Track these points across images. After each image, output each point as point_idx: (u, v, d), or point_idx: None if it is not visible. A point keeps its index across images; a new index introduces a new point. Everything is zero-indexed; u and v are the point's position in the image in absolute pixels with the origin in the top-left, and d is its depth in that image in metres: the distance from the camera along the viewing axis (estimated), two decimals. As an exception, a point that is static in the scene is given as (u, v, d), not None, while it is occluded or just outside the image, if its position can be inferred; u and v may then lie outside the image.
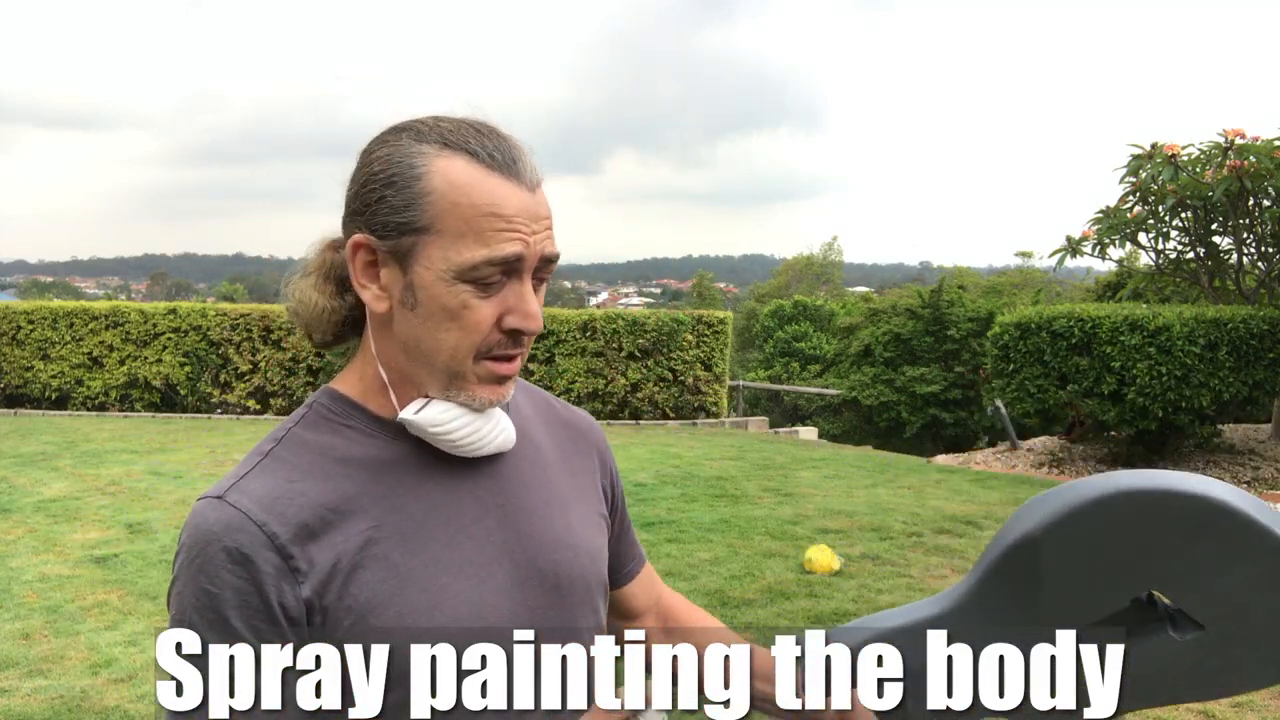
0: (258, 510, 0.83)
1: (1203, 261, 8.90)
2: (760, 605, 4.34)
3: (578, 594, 0.98)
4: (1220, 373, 7.32)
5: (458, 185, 0.85)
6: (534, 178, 0.88)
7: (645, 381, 11.36)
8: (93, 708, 3.38)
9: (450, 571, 0.89)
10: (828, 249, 56.58)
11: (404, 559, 0.87)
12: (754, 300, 39.66)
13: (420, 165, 0.87)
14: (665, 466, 7.93)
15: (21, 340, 12.33)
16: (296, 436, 0.91)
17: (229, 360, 11.95)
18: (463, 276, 0.85)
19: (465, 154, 0.87)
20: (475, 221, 0.85)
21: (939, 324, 16.28)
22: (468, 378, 0.89)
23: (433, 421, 0.89)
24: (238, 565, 0.81)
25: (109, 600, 4.54)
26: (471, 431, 0.91)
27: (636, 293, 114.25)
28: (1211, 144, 8.05)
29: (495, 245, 0.85)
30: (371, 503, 0.88)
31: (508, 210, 0.85)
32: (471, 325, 0.87)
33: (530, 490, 0.98)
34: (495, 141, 0.88)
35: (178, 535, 0.86)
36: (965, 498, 6.68)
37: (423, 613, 0.86)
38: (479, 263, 0.85)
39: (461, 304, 0.86)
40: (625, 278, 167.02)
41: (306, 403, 0.95)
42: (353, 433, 0.91)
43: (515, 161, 0.87)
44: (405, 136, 0.88)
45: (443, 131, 0.88)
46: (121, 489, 7.03)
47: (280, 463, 0.88)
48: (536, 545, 0.95)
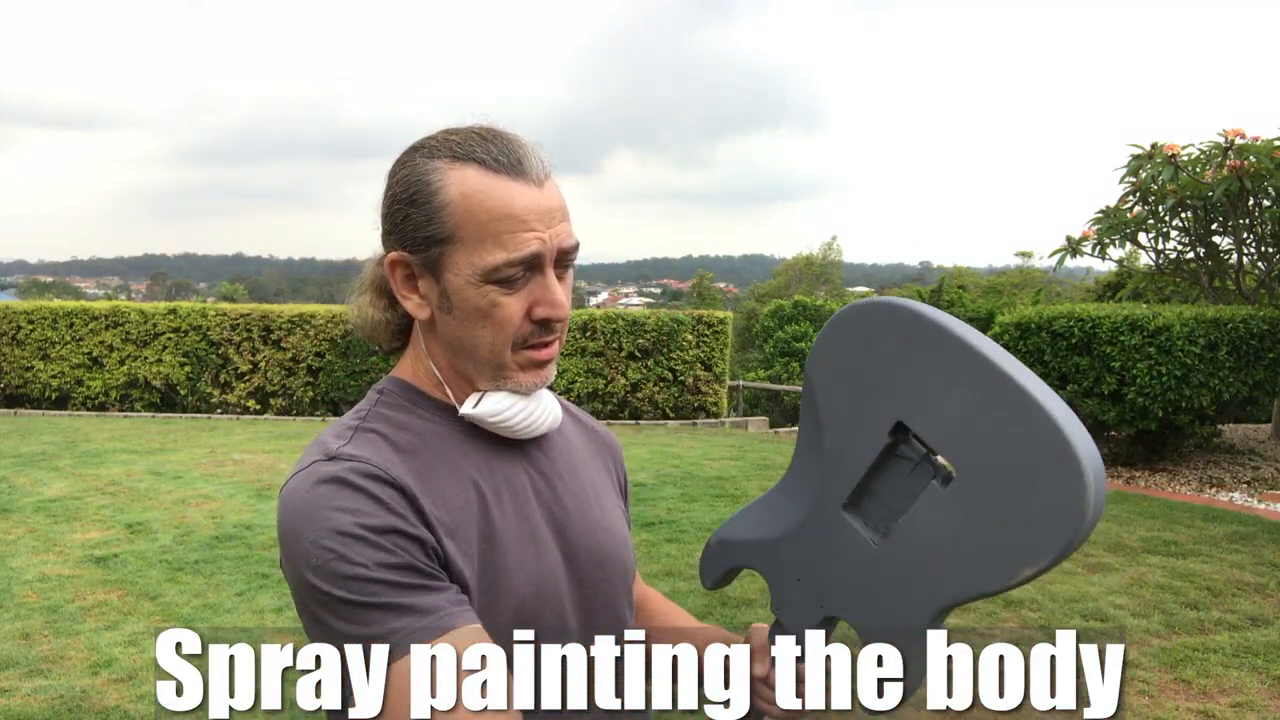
0: (375, 459, 0.88)
1: (1203, 261, 8.90)
2: (760, 605, 4.34)
3: (617, 574, 1.05)
4: (1220, 373, 7.31)
5: (470, 194, 0.91)
6: (541, 173, 0.93)
7: (645, 381, 11.36)
8: (93, 708, 3.38)
9: (521, 540, 0.95)
10: (827, 249, 56.54)
11: (488, 523, 0.93)
12: (754, 300, 39.66)
13: (435, 181, 0.93)
14: (665, 466, 7.93)
15: (21, 340, 12.32)
16: (379, 414, 0.97)
17: (229, 360, 11.95)
18: (488, 278, 0.91)
19: (474, 163, 0.92)
20: (491, 226, 0.90)
21: (939, 324, 16.28)
22: (509, 367, 0.96)
23: (490, 412, 0.97)
24: (370, 496, 0.85)
25: (109, 600, 4.54)
26: (525, 416, 0.98)
27: (636, 293, 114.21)
28: (1211, 144, 8.04)
29: (513, 246, 0.90)
30: (454, 471, 0.94)
31: (519, 210, 0.91)
32: (503, 321, 0.93)
33: (570, 475, 1.05)
34: (500, 145, 0.93)
35: (277, 520, 0.88)
36: (965, 498, 6.67)
37: (504, 573, 0.92)
38: (500, 264, 0.90)
39: (491, 303, 0.92)
40: (625, 278, 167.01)
41: (376, 389, 1.01)
42: (425, 413, 0.98)
43: (521, 161, 0.92)
44: (419, 156, 0.94)
45: (451, 145, 0.93)
46: (121, 489, 7.03)
47: (371, 434, 0.93)
48: (582, 525, 1.02)
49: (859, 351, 0.91)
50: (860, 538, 0.93)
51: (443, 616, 0.82)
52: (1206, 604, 4.36)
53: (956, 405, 0.84)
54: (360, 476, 0.85)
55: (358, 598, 0.81)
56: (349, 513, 0.83)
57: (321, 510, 0.83)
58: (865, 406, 0.91)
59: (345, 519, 0.82)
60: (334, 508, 0.83)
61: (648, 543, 5.47)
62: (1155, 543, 5.39)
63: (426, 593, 0.83)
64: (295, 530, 0.84)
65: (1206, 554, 5.16)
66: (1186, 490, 7.17)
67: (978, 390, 0.83)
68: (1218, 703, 3.35)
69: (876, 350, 0.90)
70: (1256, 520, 5.98)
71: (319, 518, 0.83)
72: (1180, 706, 3.33)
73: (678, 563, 5.05)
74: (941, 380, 0.85)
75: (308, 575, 0.82)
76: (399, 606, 0.81)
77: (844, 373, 0.93)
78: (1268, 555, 5.15)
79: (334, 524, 0.82)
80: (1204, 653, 3.76)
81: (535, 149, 0.94)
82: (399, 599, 0.81)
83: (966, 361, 0.84)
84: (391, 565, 0.82)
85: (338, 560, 0.81)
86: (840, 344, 0.93)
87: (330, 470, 0.86)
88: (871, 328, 0.91)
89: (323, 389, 11.76)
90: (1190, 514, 6.14)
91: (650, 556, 5.18)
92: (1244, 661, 3.68)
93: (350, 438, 0.92)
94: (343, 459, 0.87)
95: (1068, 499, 0.79)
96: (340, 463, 0.87)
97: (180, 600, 4.53)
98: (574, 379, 11.28)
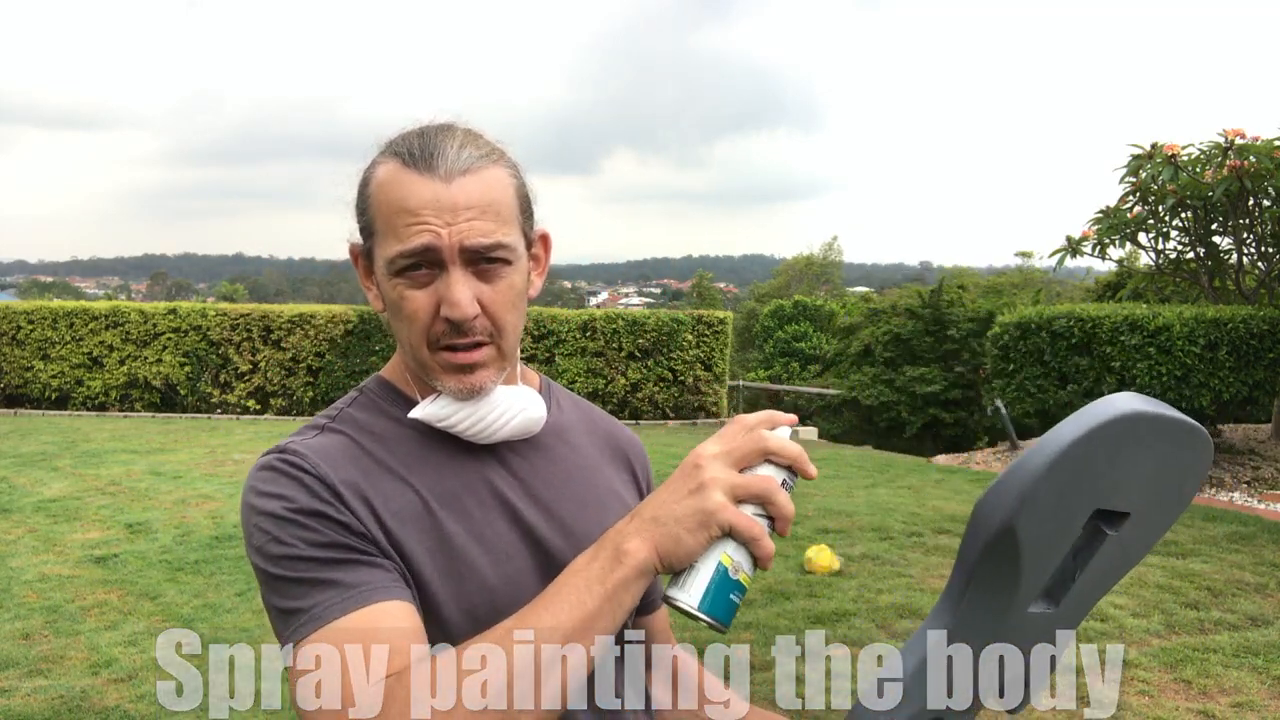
0: (314, 458, 0.90)
1: (1203, 261, 8.90)
2: (760, 605, 4.34)
3: None
4: (1220, 373, 7.31)
5: (382, 186, 0.92)
6: (454, 168, 0.90)
7: (645, 381, 11.35)
8: (93, 708, 3.38)
9: (479, 545, 0.93)
10: (827, 249, 56.58)
11: (441, 525, 0.92)
12: (754, 300, 39.63)
13: (368, 173, 0.95)
14: (665, 467, 7.90)
15: (21, 340, 12.32)
16: (349, 415, 0.98)
17: (229, 360, 11.95)
18: (391, 270, 0.91)
19: (395, 157, 0.92)
20: (390, 219, 0.91)
21: (939, 324, 16.27)
22: (431, 367, 0.94)
23: (436, 416, 0.95)
24: (304, 487, 0.87)
25: (109, 600, 4.53)
26: (475, 421, 0.95)
27: (636, 293, 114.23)
28: (1211, 144, 8.04)
29: (405, 238, 0.89)
30: (413, 474, 0.93)
31: (413, 204, 0.89)
32: (409, 315, 0.92)
33: (560, 485, 1.01)
34: (423, 140, 0.92)
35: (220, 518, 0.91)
36: (965, 498, 6.67)
37: (452, 579, 0.90)
38: (394, 256, 0.90)
39: (399, 296, 0.92)
40: (625, 278, 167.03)
41: (357, 388, 1.03)
42: (398, 413, 0.98)
43: (431, 155, 0.90)
44: (378, 149, 0.95)
45: (395, 139, 0.95)
46: (121, 489, 7.03)
47: (333, 434, 0.95)
48: (561, 534, 0.98)
49: (1082, 472, 0.81)
50: (1038, 614, 0.87)
51: (364, 591, 0.83)
52: (1206, 604, 4.35)
53: (1143, 465, 0.83)
54: (291, 467, 0.88)
55: (289, 574, 0.83)
56: (279, 498, 0.86)
57: (258, 496, 0.87)
58: (1067, 518, 0.82)
59: (275, 504, 0.86)
60: (267, 493, 0.87)
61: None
62: (1155, 543, 5.38)
63: (353, 567, 0.84)
64: (243, 514, 0.89)
65: (1206, 554, 5.16)
66: (1186, 490, 7.17)
67: (1160, 444, 0.82)
68: (1218, 703, 3.35)
69: (1099, 461, 0.81)
70: (1256, 520, 5.98)
71: (257, 503, 0.87)
72: (1180, 706, 3.32)
73: (678, 563, 5.05)
74: (1134, 452, 0.82)
75: (252, 555, 0.87)
76: (323, 581, 0.83)
77: (1058, 503, 0.81)
78: (1268, 555, 5.14)
79: (267, 507, 0.86)
80: (1204, 653, 3.76)
81: (466, 145, 0.91)
82: (323, 574, 0.83)
83: (1157, 428, 0.82)
84: (319, 543, 0.84)
85: (272, 541, 0.85)
86: (1065, 476, 0.80)
87: (269, 459, 0.90)
88: (1107, 442, 0.81)
89: (323, 389, 11.76)
90: (1190, 514, 6.14)
91: (650, 556, 5.18)
92: (1244, 661, 3.68)
93: (311, 435, 0.94)
94: (286, 451, 0.90)
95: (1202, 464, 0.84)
96: (282, 454, 0.90)
97: (180, 600, 4.53)
98: (574, 379, 11.28)
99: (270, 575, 0.85)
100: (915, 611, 4.20)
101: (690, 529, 0.78)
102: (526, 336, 11.37)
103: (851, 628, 4.00)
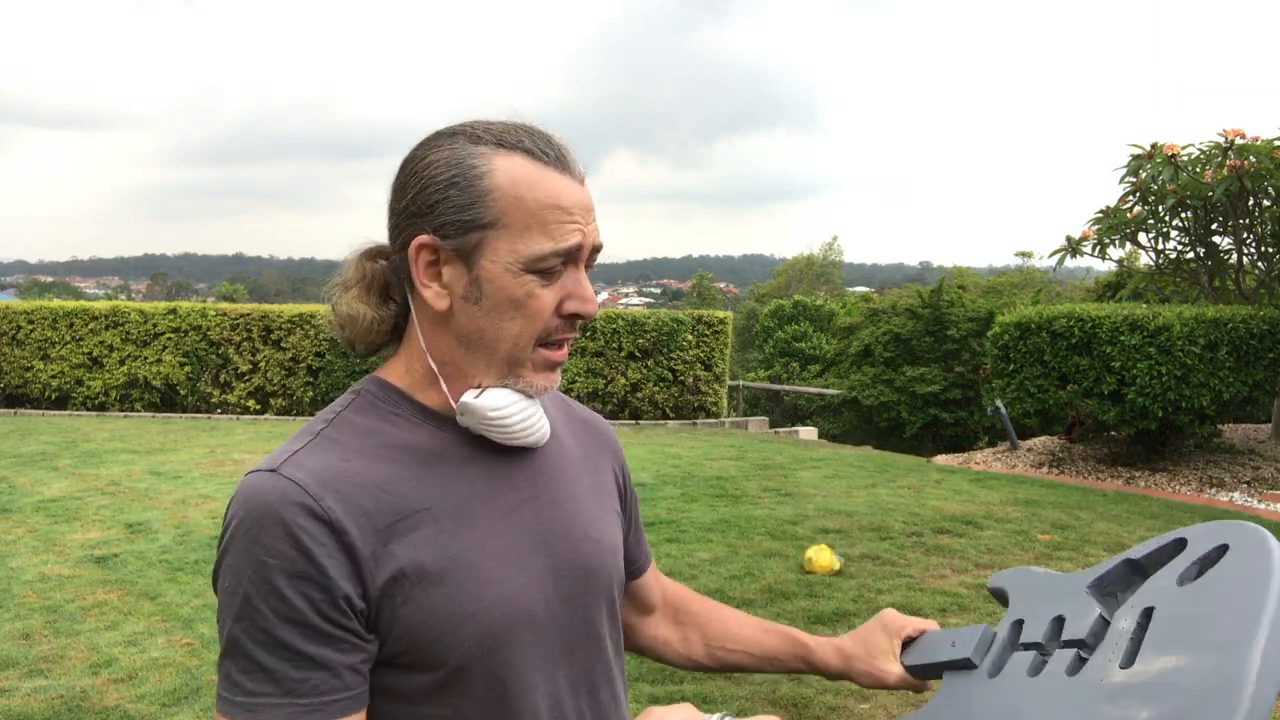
0: (313, 484, 0.85)
1: (1203, 261, 8.90)
2: (760, 605, 4.34)
3: (599, 588, 1.01)
4: (1220, 373, 7.31)
5: (520, 181, 0.90)
6: (581, 171, 0.94)
7: (645, 381, 11.35)
8: (93, 708, 3.38)
9: (495, 557, 0.91)
10: (828, 249, 56.63)
11: (453, 540, 0.89)
12: (754, 300, 39.62)
13: (481, 165, 0.90)
14: (665, 466, 7.93)
15: (21, 340, 12.32)
16: (347, 419, 0.93)
17: (229, 360, 11.95)
18: (530, 267, 0.90)
19: (522, 152, 0.91)
20: (540, 214, 0.89)
21: (939, 324, 16.26)
22: (526, 365, 0.93)
23: (492, 406, 0.92)
24: (291, 537, 0.82)
25: (109, 600, 4.53)
26: (526, 418, 0.95)
27: (636, 293, 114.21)
28: (1211, 144, 8.04)
29: (559, 236, 0.90)
30: (420, 485, 0.90)
31: (566, 202, 0.90)
32: (535, 313, 0.91)
33: (559, 484, 1.01)
34: (544, 139, 0.93)
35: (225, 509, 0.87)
36: (965, 498, 6.67)
37: (470, 595, 0.88)
38: (546, 254, 0.90)
39: (527, 294, 0.90)
40: (625, 278, 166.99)
41: (353, 389, 0.98)
42: (401, 420, 0.94)
43: (565, 156, 0.93)
44: (461, 139, 0.92)
45: (496, 133, 0.92)
46: (121, 489, 7.02)
47: (331, 443, 0.90)
48: (567, 537, 0.98)
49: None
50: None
51: (317, 704, 0.81)
52: (1206, 604, 4.35)
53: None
54: (294, 508, 0.83)
55: (241, 641, 0.81)
56: (267, 551, 0.81)
57: (250, 547, 0.82)
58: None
59: (261, 557, 0.81)
60: (259, 544, 0.82)
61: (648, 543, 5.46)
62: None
63: (311, 667, 0.81)
64: (226, 540, 0.84)
65: (1206, 554, 5.15)
66: (1186, 490, 7.17)
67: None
68: (1218, 703, 3.35)
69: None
70: (1257, 520, 5.98)
71: (245, 555, 0.82)
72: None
73: (678, 563, 5.05)
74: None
75: (219, 596, 0.84)
76: (271, 671, 0.80)
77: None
78: (1268, 555, 5.14)
79: (252, 556, 0.82)
80: (1204, 653, 3.75)
81: (573, 148, 0.95)
82: (275, 661, 0.81)
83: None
84: (288, 619, 0.81)
85: (236, 596, 0.82)
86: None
87: (267, 496, 0.84)
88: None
89: (323, 389, 11.76)
90: (1190, 514, 6.14)
91: (650, 556, 5.18)
92: (1244, 661, 3.67)
93: (307, 443, 0.89)
94: (283, 476, 0.84)
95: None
96: (280, 482, 0.84)
97: (180, 600, 4.53)
98: (574, 379, 11.28)
99: (225, 631, 0.82)
100: (915, 611, 4.19)
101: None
102: (526, 336, 11.39)
103: (851, 628, 3.99)
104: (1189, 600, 0.86)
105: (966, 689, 0.99)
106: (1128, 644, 0.86)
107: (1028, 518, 6.02)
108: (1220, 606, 0.82)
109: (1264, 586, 0.81)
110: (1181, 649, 0.82)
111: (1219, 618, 0.81)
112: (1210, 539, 0.90)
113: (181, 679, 3.59)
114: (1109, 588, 0.97)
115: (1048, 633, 0.96)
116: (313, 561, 0.82)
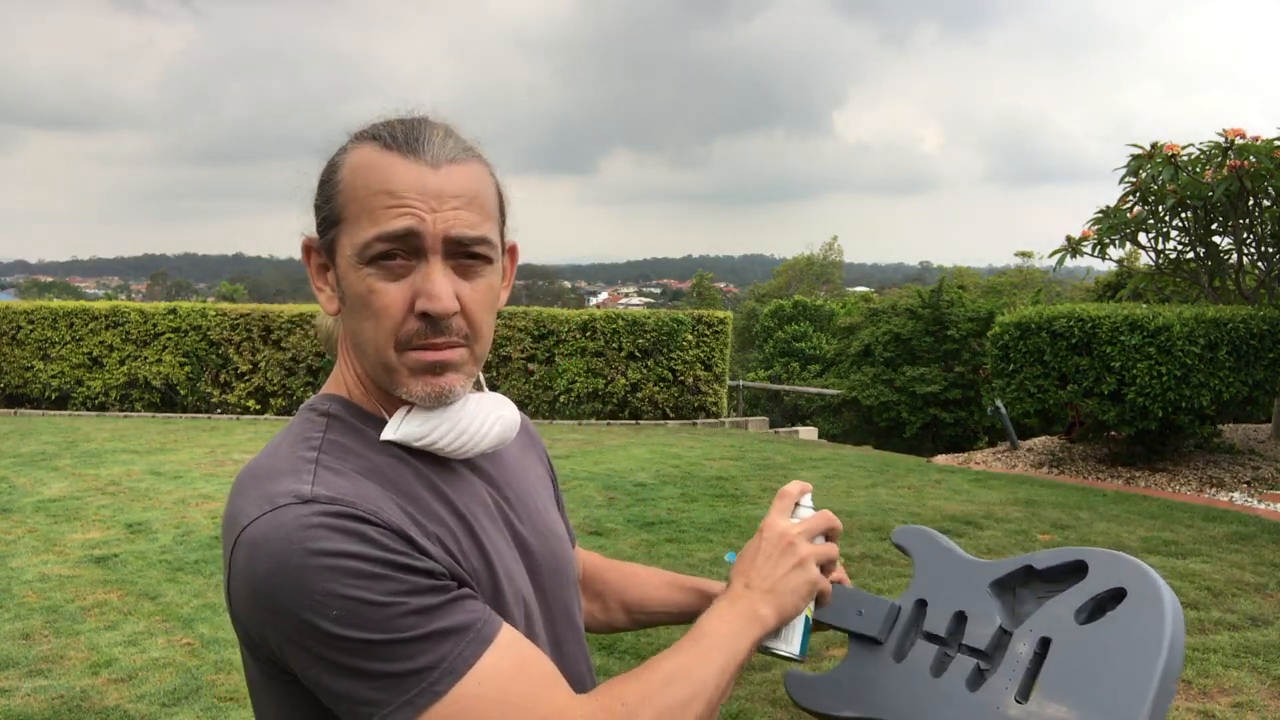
0: (361, 501, 0.80)
1: (1203, 261, 8.89)
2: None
3: (570, 577, 1.03)
4: (1220, 373, 7.31)
5: (357, 170, 0.86)
6: (440, 155, 0.85)
7: (645, 381, 11.35)
8: (93, 708, 3.38)
9: (499, 557, 0.91)
10: (828, 249, 56.62)
11: (478, 545, 0.89)
12: (754, 300, 39.60)
13: (338, 160, 0.89)
14: (665, 466, 7.93)
15: (21, 340, 12.32)
16: (335, 444, 0.87)
17: (229, 360, 11.94)
18: (362, 258, 0.84)
19: (371, 140, 0.87)
20: (368, 201, 0.84)
21: (939, 324, 16.27)
22: (398, 371, 0.86)
23: (414, 435, 0.88)
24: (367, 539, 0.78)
25: (109, 600, 4.53)
26: (458, 434, 0.89)
27: (636, 293, 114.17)
28: (1211, 144, 8.04)
29: (385, 221, 0.83)
30: (432, 498, 0.88)
31: (397, 186, 0.83)
32: (380, 310, 0.84)
33: (517, 482, 1.01)
34: (404, 126, 0.87)
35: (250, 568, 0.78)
36: (965, 498, 6.67)
37: (500, 594, 0.89)
38: (369, 240, 0.83)
39: (368, 289, 0.84)
40: (625, 278, 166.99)
41: (319, 410, 0.91)
42: (374, 440, 0.89)
43: (418, 140, 0.85)
44: (349, 139, 0.90)
45: (366, 127, 0.89)
46: (121, 489, 7.02)
47: (333, 472, 0.83)
48: (535, 534, 0.99)
49: None
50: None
51: (480, 627, 0.80)
52: (1206, 604, 4.35)
53: None
54: (345, 519, 0.78)
55: (394, 636, 0.76)
56: (352, 556, 0.76)
57: (321, 557, 0.75)
58: None
59: (351, 563, 0.76)
60: (335, 552, 0.76)
61: (648, 543, 5.46)
62: (1155, 543, 5.38)
63: (454, 608, 0.79)
64: (292, 584, 0.76)
65: (1206, 554, 5.15)
66: (1186, 490, 7.17)
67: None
68: (1218, 703, 3.35)
69: None
70: (1256, 520, 5.98)
71: (324, 565, 0.75)
72: (1180, 706, 3.33)
73: (678, 563, 5.05)
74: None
75: (326, 625, 0.75)
76: (437, 633, 0.77)
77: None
78: (1268, 555, 5.14)
79: (343, 566, 0.75)
80: (1204, 653, 3.76)
81: (450, 136, 0.87)
82: (433, 625, 0.77)
83: None
84: (415, 591, 0.77)
85: (359, 605, 0.75)
86: None
87: (313, 518, 0.77)
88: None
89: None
90: (1190, 514, 6.14)
91: (650, 556, 5.18)
92: (1244, 661, 3.68)
93: (312, 471, 0.82)
94: (321, 501, 0.78)
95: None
96: (318, 506, 0.78)
97: (180, 600, 4.53)
98: (574, 379, 11.28)
99: (368, 642, 0.75)
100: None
101: (803, 596, 0.99)
102: (526, 337, 11.38)
103: (851, 628, 4.00)
104: (1084, 644, 0.89)
105: (873, 664, 1.04)
106: (1024, 675, 0.91)
107: (1028, 518, 6.02)
108: (1112, 663, 0.86)
109: (1154, 652, 0.85)
110: (1072, 700, 0.86)
111: (1109, 676, 0.86)
112: (1110, 574, 0.93)
113: (181, 679, 3.59)
114: (1008, 588, 1.01)
115: (950, 627, 1.01)
116: (393, 549, 0.78)
